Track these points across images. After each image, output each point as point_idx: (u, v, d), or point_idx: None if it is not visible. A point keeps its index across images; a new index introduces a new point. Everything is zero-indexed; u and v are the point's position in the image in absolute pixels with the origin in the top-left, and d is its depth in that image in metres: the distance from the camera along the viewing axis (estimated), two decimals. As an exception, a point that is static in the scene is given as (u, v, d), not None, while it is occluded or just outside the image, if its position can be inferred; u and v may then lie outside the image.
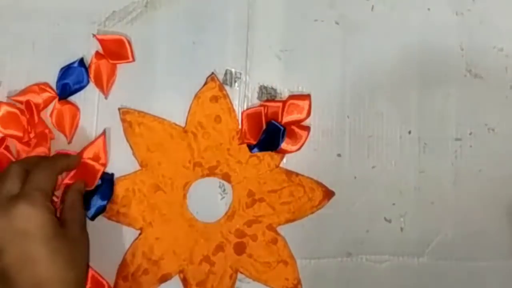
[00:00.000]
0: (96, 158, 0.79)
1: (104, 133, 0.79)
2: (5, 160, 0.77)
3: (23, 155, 0.78)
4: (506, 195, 0.79)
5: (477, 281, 0.79)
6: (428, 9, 0.81)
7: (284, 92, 0.80)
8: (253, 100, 0.80)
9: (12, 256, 0.69)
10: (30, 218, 0.69)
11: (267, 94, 0.80)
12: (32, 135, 0.78)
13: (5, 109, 0.78)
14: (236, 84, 0.80)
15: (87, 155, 0.79)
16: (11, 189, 0.71)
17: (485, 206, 0.79)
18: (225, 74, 0.80)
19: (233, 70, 0.80)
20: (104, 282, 0.78)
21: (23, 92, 0.79)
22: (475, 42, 0.80)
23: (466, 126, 0.80)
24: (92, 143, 0.79)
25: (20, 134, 0.78)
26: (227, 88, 0.80)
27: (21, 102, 0.79)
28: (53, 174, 0.74)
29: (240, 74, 0.80)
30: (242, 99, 0.80)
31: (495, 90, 0.80)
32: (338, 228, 0.72)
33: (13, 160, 0.77)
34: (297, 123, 0.80)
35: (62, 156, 0.78)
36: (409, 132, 0.79)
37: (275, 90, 0.80)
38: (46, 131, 0.78)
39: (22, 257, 0.68)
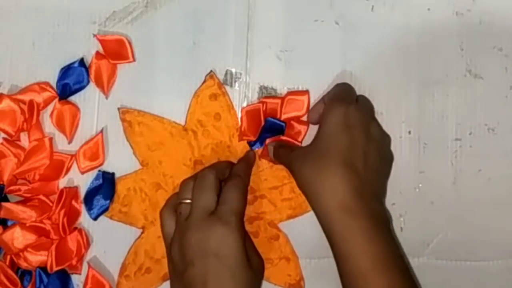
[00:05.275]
0: (93, 156, 0.79)
1: (101, 131, 0.79)
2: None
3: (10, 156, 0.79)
4: (506, 195, 0.79)
5: (477, 281, 0.79)
6: (428, 9, 0.81)
7: (284, 92, 0.80)
8: (253, 100, 0.80)
9: (198, 272, 0.70)
10: (224, 242, 0.71)
11: (267, 94, 0.80)
12: (25, 135, 0.79)
13: (6, 103, 0.78)
14: (236, 84, 0.80)
15: (85, 153, 0.79)
16: (208, 204, 0.73)
17: (485, 206, 0.79)
18: (225, 74, 0.80)
19: (233, 70, 0.80)
20: (105, 282, 0.78)
21: (24, 90, 0.79)
22: (475, 42, 0.80)
23: (466, 126, 0.80)
24: (89, 141, 0.79)
25: (12, 131, 0.78)
26: (227, 88, 0.80)
27: (21, 101, 0.79)
28: (246, 193, 0.76)
29: (240, 74, 0.80)
30: (242, 99, 0.80)
31: (495, 90, 0.80)
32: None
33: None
34: (297, 119, 0.80)
35: (246, 165, 0.79)
36: (409, 132, 0.80)
37: (275, 90, 0.80)
38: (45, 139, 0.78)
39: (207, 276, 0.70)
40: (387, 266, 0.69)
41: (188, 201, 0.74)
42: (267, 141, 0.79)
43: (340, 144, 0.72)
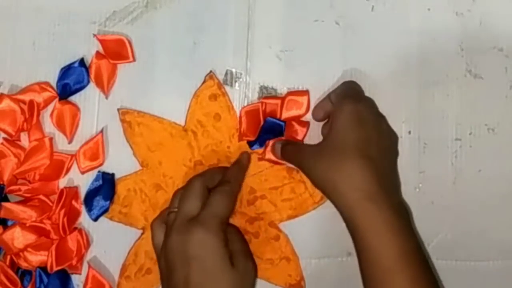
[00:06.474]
0: (93, 156, 0.79)
1: (102, 131, 0.80)
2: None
3: (10, 156, 0.79)
4: (506, 195, 0.79)
5: (477, 281, 0.79)
6: (428, 9, 0.81)
7: (284, 92, 0.80)
8: (254, 100, 0.80)
9: (179, 277, 0.70)
10: (203, 245, 0.70)
11: (268, 94, 0.80)
12: (25, 135, 0.79)
13: (7, 103, 0.78)
14: (237, 84, 0.80)
15: (85, 153, 0.79)
16: (191, 210, 0.73)
17: (485, 206, 0.79)
18: (226, 74, 0.80)
19: (233, 70, 0.80)
20: (105, 282, 0.78)
21: (24, 90, 0.79)
22: (475, 42, 0.80)
23: (466, 126, 0.80)
24: (89, 141, 0.79)
25: (12, 131, 0.78)
26: (227, 88, 0.80)
27: (22, 101, 0.79)
28: (233, 199, 0.75)
29: (241, 74, 0.80)
30: (243, 99, 0.80)
31: (495, 90, 0.80)
32: (339, 228, 0.72)
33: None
34: (297, 119, 0.80)
35: (238, 170, 0.79)
36: (409, 132, 0.80)
37: (275, 90, 0.80)
38: (45, 139, 0.78)
39: (188, 280, 0.70)
40: (412, 259, 0.69)
41: (176, 209, 0.74)
42: (270, 142, 0.79)
43: (356, 139, 0.72)
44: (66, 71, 0.80)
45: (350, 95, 0.76)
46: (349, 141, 0.72)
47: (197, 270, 0.70)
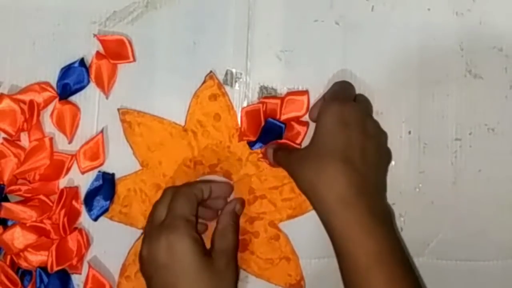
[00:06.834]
0: (94, 156, 0.79)
1: (102, 131, 0.80)
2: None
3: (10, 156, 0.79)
4: (506, 195, 0.79)
5: (477, 281, 0.79)
6: (428, 9, 0.81)
7: (284, 92, 0.80)
8: (253, 100, 0.80)
9: (157, 285, 0.70)
10: (173, 248, 0.70)
11: (267, 94, 0.80)
12: (25, 134, 0.79)
13: (7, 103, 0.79)
14: (237, 84, 0.80)
15: (85, 153, 0.79)
16: (160, 216, 0.73)
17: (485, 206, 0.79)
18: (226, 74, 0.80)
19: (233, 70, 0.80)
20: (105, 282, 0.78)
21: (24, 90, 0.79)
22: (475, 42, 0.80)
23: (466, 126, 0.80)
24: (89, 141, 0.79)
25: (12, 131, 0.78)
26: (227, 88, 0.80)
27: (22, 101, 0.79)
28: (192, 198, 0.74)
29: (241, 74, 0.80)
30: (243, 99, 0.80)
31: (495, 90, 0.80)
32: (339, 228, 0.73)
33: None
34: (297, 119, 0.80)
35: (204, 182, 0.78)
36: (409, 132, 0.80)
37: (275, 90, 0.80)
38: (45, 139, 0.78)
39: (165, 286, 0.70)
40: (387, 261, 0.69)
41: None
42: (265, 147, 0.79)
43: (337, 142, 0.72)
44: (66, 71, 0.80)
45: (336, 97, 0.76)
46: (330, 145, 0.72)
47: (171, 274, 0.70)
